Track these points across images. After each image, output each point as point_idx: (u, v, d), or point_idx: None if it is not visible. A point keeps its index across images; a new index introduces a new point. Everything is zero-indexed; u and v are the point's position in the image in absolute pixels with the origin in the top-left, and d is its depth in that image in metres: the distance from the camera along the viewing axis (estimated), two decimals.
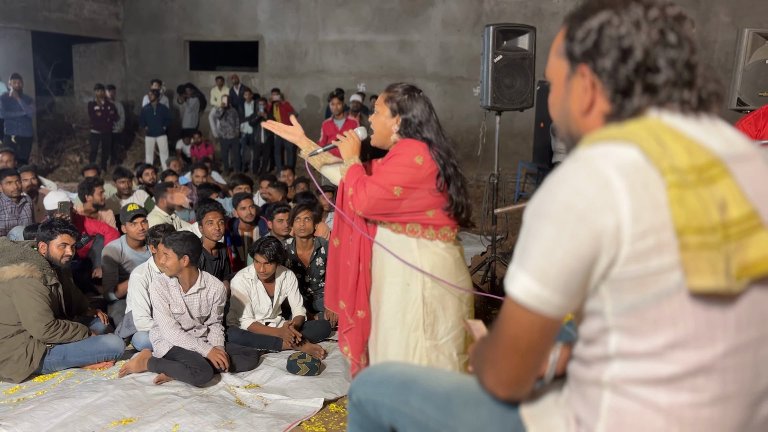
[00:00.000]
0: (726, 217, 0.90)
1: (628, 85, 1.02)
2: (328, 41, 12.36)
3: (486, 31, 4.55)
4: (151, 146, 11.38)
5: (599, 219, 0.92)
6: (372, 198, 2.35)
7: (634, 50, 1.01)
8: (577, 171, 0.95)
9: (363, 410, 1.42)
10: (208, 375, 3.52)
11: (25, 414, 3.15)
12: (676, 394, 0.93)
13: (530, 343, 1.00)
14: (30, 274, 3.60)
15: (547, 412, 1.11)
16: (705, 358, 0.93)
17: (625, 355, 0.96)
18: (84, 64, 14.08)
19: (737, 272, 0.89)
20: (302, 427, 3.14)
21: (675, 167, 0.92)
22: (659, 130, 0.97)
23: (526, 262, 0.97)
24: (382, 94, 2.51)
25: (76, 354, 3.74)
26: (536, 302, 0.97)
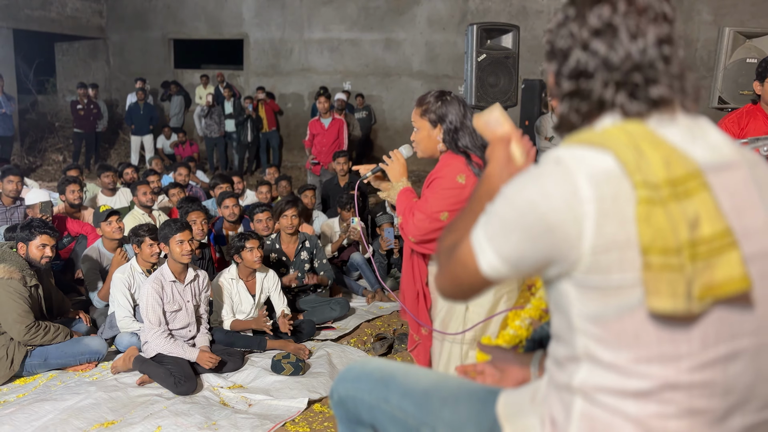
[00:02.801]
0: (696, 236, 0.88)
1: (565, 91, 1.05)
2: (314, 39, 12.31)
3: (470, 30, 4.55)
4: (137, 145, 11.29)
5: (559, 224, 0.93)
6: (420, 228, 2.33)
7: (570, 54, 1.03)
8: (551, 172, 0.95)
9: (345, 406, 1.42)
10: (191, 386, 3.49)
11: (5, 417, 3.12)
12: (644, 405, 0.93)
13: (471, 286, 1.08)
14: (9, 275, 3.56)
15: (523, 411, 1.11)
16: (669, 375, 0.92)
17: (592, 359, 0.97)
18: (67, 63, 13.93)
19: (701, 293, 0.88)
20: (286, 427, 3.13)
21: (648, 181, 0.90)
22: (641, 136, 0.95)
23: (488, 227, 1.02)
24: (416, 108, 2.45)
25: (57, 356, 3.71)
26: (486, 266, 1.02)
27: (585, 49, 1.00)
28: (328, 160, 7.73)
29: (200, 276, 3.96)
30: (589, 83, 1.01)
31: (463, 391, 1.26)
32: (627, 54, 0.98)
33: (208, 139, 11.28)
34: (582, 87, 1.02)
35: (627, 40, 0.99)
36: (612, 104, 1.00)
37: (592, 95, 1.01)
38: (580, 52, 1.01)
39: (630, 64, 0.98)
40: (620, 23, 0.99)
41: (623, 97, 0.99)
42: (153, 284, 3.71)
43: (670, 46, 1.00)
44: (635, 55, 0.98)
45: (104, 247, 4.63)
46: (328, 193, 7.03)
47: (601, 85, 1.00)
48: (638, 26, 0.99)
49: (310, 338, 4.39)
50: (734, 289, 0.88)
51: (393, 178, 2.49)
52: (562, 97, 1.05)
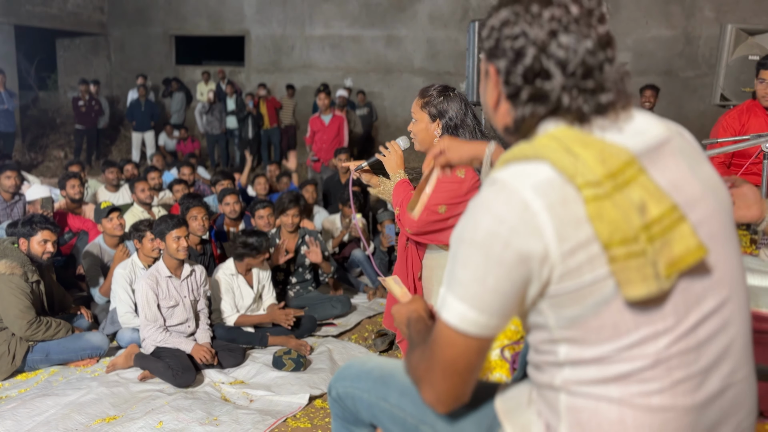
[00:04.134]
0: (647, 218, 0.92)
1: (516, 90, 1.02)
2: (315, 36, 12.30)
3: (471, 26, 4.54)
4: (138, 142, 11.29)
5: (525, 244, 0.93)
6: (418, 220, 2.31)
7: (525, 53, 1.00)
8: (496, 196, 0.96)
9: (343, 404, 1.42)
10: (190, 377, 3.50)
11: (7, 412, 3.12)
12: (626, 387, 0.96)
13: (468, 365, 1.02)
14: (10, 271, 3.56)
15: (521, 408, 1.11)
16: (649, 354, 0.95)
17: (575, 362, 0.98)
18: (68, 59, 13.92)
19: (666, 270, 0.92)
20: (288, 423, 3.14)
21: (590, 181, 0.92)
22: (569, 139, 0.97)
23: (458, 288, 0.98)
24: (417, 100, 2.43)
25: (59, 351, 3.71)
26: (474, 328, 0.98)
27: (542, 49, 0.99)
28: (329, 157, 7.73)
29: (197, 271, 3.96)
30: (546, 85, 1.00)
31: None
32: (581, 57, 0.98)
33: (209, 135, 11.28)
34: (540, 89, 1.00)
35: (580, 42, 0.98)
36: (567, 109, 1.00)
37: (551, 98, 1.00)
38: (537, 52, 0.99)
39: (583, 68, 0.99)
40: (573, 25, 0.99)
41: (580, 102, 1.00)
42: (148, 280, 3.72)
43: (612, 49, 1.01)
44: (588, 58, 0.99)
45: (105, 244, 4.63)
46: (329, 190, 7.04)
47: (559, 89, 0.99)
48: (588, 28, 0.99)
49: (311, 334, 4.39)
50: (694, 258, 0.93)
51: (390, 169, 2.48)
52: (519, 98, 1.03)
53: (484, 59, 1.08)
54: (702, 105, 9.85)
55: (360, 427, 1.42)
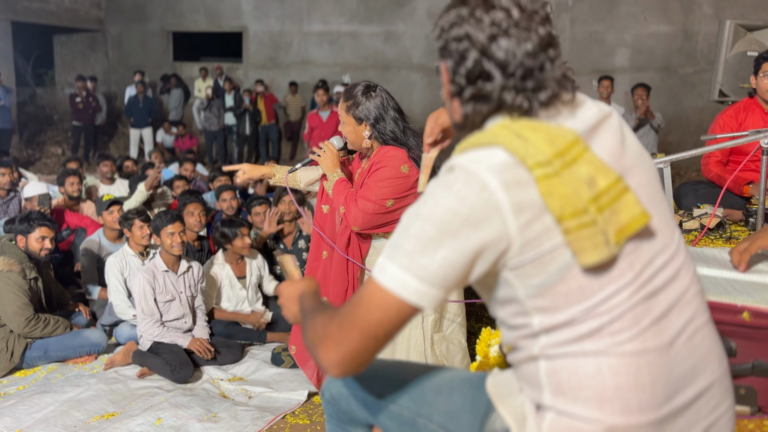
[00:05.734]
0: (595, 191, 1.00)
1: (460, 89, 1.09)
2: (313, 32, 12.28)
3: None
4: (136, 138, 11.26)
5: (483, 219, 0.99)
6: (366, 214, 2.36)
7: (467, 56, 1.06)
8: (456, 179, 1.02)
9: (337, 405, 1.42)
10: (188, 372, 3.50)
11: (6, 409, 3.12)
12: (599, 340, 1.02)
13: (389, 330, 1.04)
14: (8, 267, 3.56)
15: (514, 392, 1.13)
16: (615, 307, 1.02)
17: (548, 329, 1.04)
18: (65, 55, 13.88)
19: (616, 236, 1.00)
20: (286, 419, 3.14)
21: (539, 161, 0.99)
22: (519, 126, 1.04)
23: (402, 259, 1.02)
24: (341, 103, 2.49)
25: (57, 348, 3.71)
26: (413, 296, 1.02)
27: (483, 52, 1.04)
28: None
29: (194, 267, 3.96)
30: (486, 86, 1.06)
31: (456, 379, 1.28)
32: (521, 59, 1.04)
33: (207, 132, 11.26)
34: (481, 89, 1.07)
35: (520, 45, 1.04)
36: (510, 106, 1.06)
37: (492, 98, 1.07)
38: (478, 55, 1.05)
39: (523, 70, 1.04)
40: (514, 29, 1.04)
41: (520, 100, 1.06)
42: (145, 274, 3.72)
43: (554, 49, 1.07)
44: (527, 60, 1.04)
45: (105, 237, 4.63)
46: None
47: (499, 89, 1.05)
48: (529, 31, 1.04)
49: None
50: (640, 224, 1.01)
51: (326, 168, 2.51)
52: (462, 97, 1.09)
53: (437, 57, 1.14)
54: (700, 101, 9.85)
55: (355, 426, 1.42)
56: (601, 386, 1.00)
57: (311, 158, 2.58)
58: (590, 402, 1.01)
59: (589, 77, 9.66)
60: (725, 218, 2.77)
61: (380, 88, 2.49)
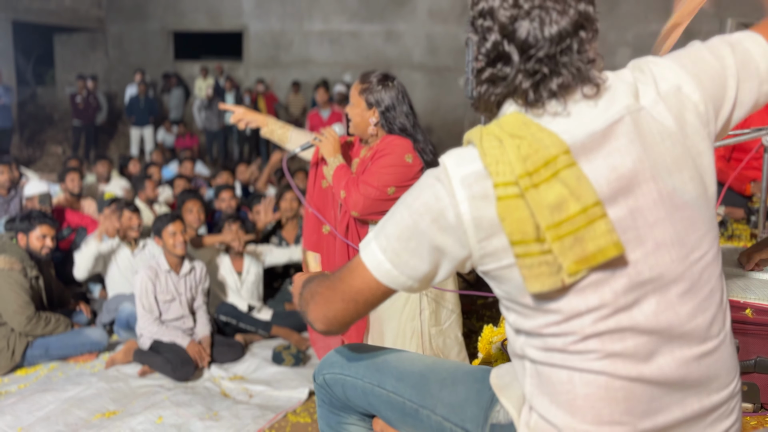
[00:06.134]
0: (560, 216, 0.94)
1: (480, 68, 1.04)
2: (314, 31, 12.27)
3: None
4: (137, 138, 11.26)
5: (448, 224, 1.01)
6: (367, 199, 2.36)
7: (489, 36, 1.01)
8: (438, 177, 1.03)
9: (330, 390, 1.41)
10: (189, 371, 3.50)
11: (7, 407, 3.12)
12: (568, 356, 1.00)
13: (367, 300, 1.11)
14: (9, 266, 3.56)
15: (514, 381, 1.14)
16: (576, 330, 0.98)
17: (520, 331, 1.06)
18: (66, 54, 13.86)
19: (574, 266, 0.94)
20: (287, 417, 3.14)
21: (505, 181, 0.96)
22: (510, 126, 1.00)
23: (383, 240, 1.07)
24: (356, 84, 2.48)
25: (58, 347, 3.71)
26: (384, 277, 1.07)
27: (504, 33, 0.99)
28: None
29: (197, 268, 3.96)
30: (505, 69, 1.01)
31: (459, 372, 1.28)
32: (543, 42, 0.98)
33: (207, 131, 11.26)
34: (499, 72, 1.02)
35: (546, 26, 0.98)
36: (524, 92, 1.02)
37: (506, 81, 1.02)
38: (499, 36, 1.00)
39: (543, 53, 0.99)
40: (538, 10, 0.98)
41: (527, 86, 1.01)
42: (147, 271, 3.73)
43: (587, 30, 1.01)
44: (550, 43, 0.98)
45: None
46: None
47: (515, 72, 1.01)
48: (562, 12, 0.98)
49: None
50: (606, 256, 0.94)
51: (327, 153, 2.51)
52: (480, 77, 1.05)
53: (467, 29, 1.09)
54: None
55: (348, 412, 1.42)
56: (572, 393, 1.00)
57: (312, 143, 2.58)
58: (564, 407, 1.00)
59: None
60: (727, 216, 2.77)
61: (398, 81, 2.49)
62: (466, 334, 3.85)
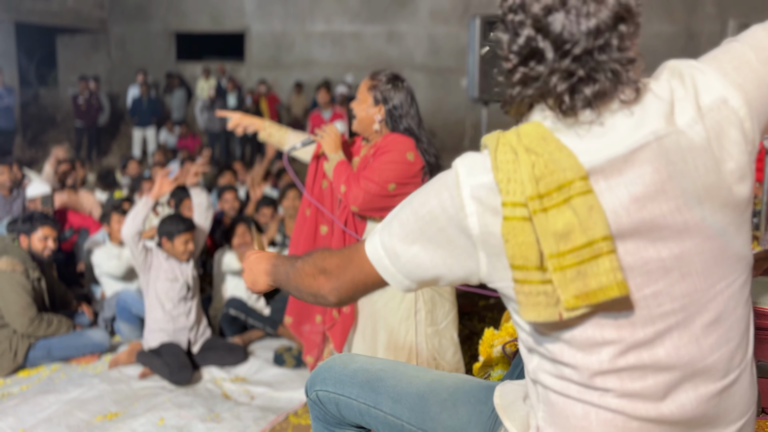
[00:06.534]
0: (566, 246, 0.88)
1: (512, 68, 0.96)
2: (316, 32, 12.28)
3: (472, 22, 4.52)
4: (139, 138, 11.27)
5: (456, 238, 0.98)
6: (368, 194, 2.37)
7: (520, 31, 0.93)
8: (448, 184, 0.99)
9: (323, 407, 1.37)
10: (186, 375, 3.49)
11: (10, 409, 3.13)
12: (584, 390, 0.96)
13: (371, 286, 1.12)
14: (12, 268, 3.57)
15: (518, 402, 1.12)
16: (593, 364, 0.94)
17: (535, 351, 1.01)
18: (68, 56, 13.89)
19: (573, 301, 0.88)
20: (289, 419, 3.14)
21: (514, 201, 0.91)
22: (529, 139, 0.93)
23: (387, 238, 1.06)
24: (366, 80, 2.50)
25: (61, 348, 3.72)
26: (385, 274, 1.07)
27: (538, 27, 0.91)
28: None
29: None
30: (538, 68, 0.93)
31: (460, 392, 1.24)
32: (579, 37, 0.90)
33: (210, 132, 11.26)
34: (531, 71, 0.94)
35: (582, 20, 0.89)
36: (556, 96, 0.93)
37: (539, 81, 0.94)
38: (532, 31, 0.92)
39: (580, 50, 0.90)
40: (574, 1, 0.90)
41: (562, 90, 0.92)
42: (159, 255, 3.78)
43: (628, 23, 0.93)
44: (587, 39, 0.90)
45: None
46: None
47: (548, 72, 0.92)
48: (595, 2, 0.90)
49: None
50: (607, 296, 0.88)
51: (328, 149, 2.52)
52: (512, 78, 0.97)
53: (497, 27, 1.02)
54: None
55: (344, 428, 1.38)
56: (588, 430, 0.96)
57: (313, 139, 2.59)
58: None
59: None
60: None
61: (408, 83, 2.51)
62: (467, 335, 3.86)
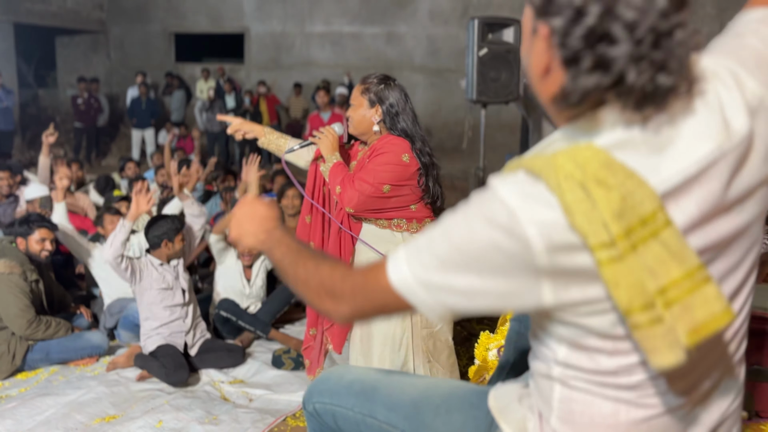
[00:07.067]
0: (663, 281, 0.83)
1: (575, 54, 0.86)
2: (315, 33, 12.29)
3: (471, 24, 4.54)
4: (138, 140, 11.29)
5: (518, 276, 0.88)
6: (362, 195, 2.38)
7: (587, 11, 0.84)
8: (497, 214, 0.88)
9: (321, 420, 1.37)
10: (182, 375, 3.49)
11: (8, 411, 3.13)
12: (620, 391, 0.95)
13: (390, 312, 1.03)
14: (9, 270, 3.57)
15: (514, 404, 1.11)
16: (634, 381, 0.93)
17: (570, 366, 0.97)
18: (68, 57, 13.91)
19: (688, 338, 0.82)
20: (287, 421, 3.14)
21: (603, 242, 0.83)
22: (594, 169, 0.84)
23: (419, 268, 0.96)
24: (358, 86, 2.53)
25: (59, 350, 3.72)
26: (415, 299, 0.97)
27: (608, 8, 0.83)
28: None
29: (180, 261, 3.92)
30: (611, 51, 0.84)
31: (454, 398, 1.23)
32: (652, 19, 0.83)
33: (209, 133, 11.28)
34: (604, 55, 0.84)
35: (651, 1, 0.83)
36: (630, 88, 0.85)
37: (614, 68, 0.85)
38: (601, 9, 0.83)
39: (654, 35, 0.83)
40: None
41: (644, 80, 0.84)
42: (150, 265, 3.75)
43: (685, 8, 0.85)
44: (660, 21, 0.83)
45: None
46: None
47: (625, 58, 0.83)
48: None
49: None
50: (719, 325, 0.83)
51: (325, 151, 2.53)
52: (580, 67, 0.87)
53: (532, 15, 0.93)
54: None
55: None
56: (613, 427, 0.95)
57: (311, 140, 2.61)
58: None
59: None
60: None
61: (399, 82, 2.54)
62: (465, 337, 3.86)
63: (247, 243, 1.21)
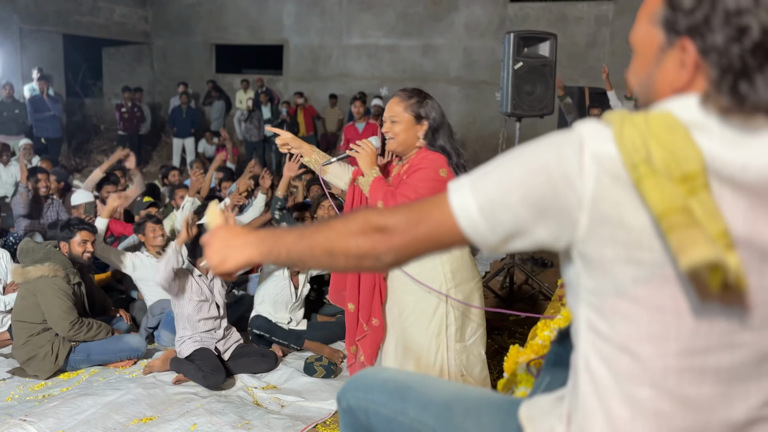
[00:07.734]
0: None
1: (743, 66, 0.89)
2: (352, 45, 12.42)
3: (507, 38, 4.55)
4: (179, 148, 11.54)
5: (565, 191, 0.93)
6: None
7: (750, 29, 0.88)
8: (568, 143, 0.95)
9: (354, 416, 1.39)
10: (219, 378, 3.57)
11: (50, 410, 3.23)
12: (638, 388, 0.95)
13: (446, 245, 1.04)
14: (54, 273, 3.70)
15: (544, 413, 1.12)
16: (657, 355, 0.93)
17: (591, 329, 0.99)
18: (113, 67, 14.34)
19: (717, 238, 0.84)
20: (318, 429, 3.17)
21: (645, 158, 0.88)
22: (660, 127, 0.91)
23: (480, 186, 0.99)
24: (397, 102, 2.52)
25: (99, 352, 3.83)
26: (468, 224, 0.99)
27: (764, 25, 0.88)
28: None
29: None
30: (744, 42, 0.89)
31: (485, 402, 1.25)
32: None
33: (247, 142, 11.48)
34: None
35: None
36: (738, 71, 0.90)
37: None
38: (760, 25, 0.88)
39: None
40: None
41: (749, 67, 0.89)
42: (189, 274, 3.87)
43: None
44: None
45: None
46: None
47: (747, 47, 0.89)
48: None
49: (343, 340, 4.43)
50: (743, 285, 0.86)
51: (364, 165, 2.54)
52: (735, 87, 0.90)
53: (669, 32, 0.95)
54: None
55: None
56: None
57: (348, 154, 2.61)
58: None
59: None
60: None
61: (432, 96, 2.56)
62: (496, 350, 3.85)
63: (238, 262, 1.19)
